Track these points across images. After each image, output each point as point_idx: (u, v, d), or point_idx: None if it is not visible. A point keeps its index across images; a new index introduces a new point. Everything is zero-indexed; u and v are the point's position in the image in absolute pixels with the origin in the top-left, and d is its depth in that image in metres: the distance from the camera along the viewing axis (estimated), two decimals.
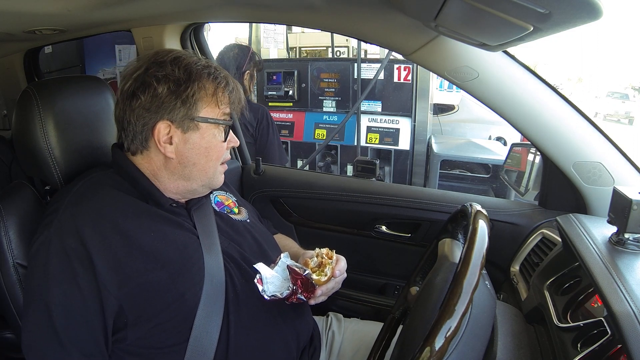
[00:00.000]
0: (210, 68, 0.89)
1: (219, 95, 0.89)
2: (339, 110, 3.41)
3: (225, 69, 0.93)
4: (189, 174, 0.89)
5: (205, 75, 0.87)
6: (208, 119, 0.88)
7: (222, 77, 0.90)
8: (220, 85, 0.89)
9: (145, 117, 0.85)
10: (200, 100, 0.87)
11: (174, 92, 0.85)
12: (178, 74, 0.85)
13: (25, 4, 1.00)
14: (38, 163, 0.96)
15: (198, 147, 0.88)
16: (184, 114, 0.86)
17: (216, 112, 0.89)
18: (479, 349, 0.73)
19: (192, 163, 0.89)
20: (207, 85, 0.88)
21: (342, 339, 1.13)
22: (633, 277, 0.74)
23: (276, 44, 4.90)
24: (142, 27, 1.46)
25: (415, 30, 1.08)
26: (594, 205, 1.14)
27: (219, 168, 0.93)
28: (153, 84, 0.84)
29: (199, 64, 0.88)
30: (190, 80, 0.86)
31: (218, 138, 0.90)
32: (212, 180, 0.93)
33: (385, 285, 1.56)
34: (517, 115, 1.14)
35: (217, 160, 0.92)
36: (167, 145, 0.87)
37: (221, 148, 0.91)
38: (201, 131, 0.88)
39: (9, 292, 0.89)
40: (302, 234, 1.59)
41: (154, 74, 0.85)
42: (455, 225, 0.93)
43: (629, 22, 43.34)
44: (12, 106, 1.04)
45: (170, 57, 0.87)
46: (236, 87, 0.93)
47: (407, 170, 3.28)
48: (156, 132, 0.85)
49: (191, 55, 0.90)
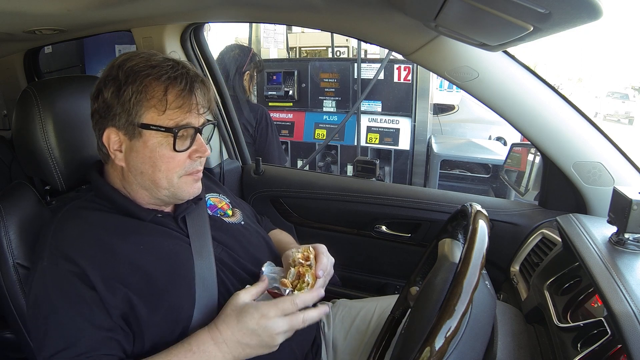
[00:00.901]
0: (156, 68, 0.80)
1: (168, 99, 0.80)
2: (339, 110, 3.41)
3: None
4: (143, 183, 0.84)
5: (146, 75, 0.79)
6: (150, 126, 0.80)
7: (168, 77, 0.79)
8: (168, 86, 0.80)
9: (99, 123, 0.83)
10: (141, 104, 0.79)
11: (116, 97, 0.80)
12: (121, 77, 0.80)
13: (25, 4, 1.00)
14: (38, 163, 0.96)
15: (142, 156, 0.82)
16: (125, 120, 0.80)
17: (161, 117, 0.80)
18: (479, 349, 0.73)
19: (140, 172, 0.83)
20: (150, 88, 0.79)
21: (332, 330, 1.13)
22: (633, 277, 0.74)
23: (276, 44, 4.91)
24: (142, 27, 1.46)
25: (415, 30, 1.08)
26: (594, 205, 1.14)
27: (175, 180, 0.84)
28: (102, 89, 0.81)
29: (143, 64, 0.80)
30: (127, 83, 0.79)
31: (166, 147, 0.81)
32: (176, 191, 0.85)
33: (385, 285, 1.56)
34: (517, 115, 1.14)
35: (170, 171, 0.83)
36: (117, 153, 0.83)
37: (172, 158, 0.82)
38: (144, 139, 0.81)
39: (9, 292, 0.89)
40: (302, 234, 1.59)
41: (104, 78, 0.82)
42: (455, 225, 0.93)
43: (629, 22, 43.33)
44: (12, 106, 1.04)
45: (121, 59, 0.82)
46: (194, 85, 0.82)
47: (407, 170, 3.28)
48: (105, 138, 0.83)
49: (145, 55, 0.82)
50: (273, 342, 0.76)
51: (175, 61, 0.83)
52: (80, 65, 2.68)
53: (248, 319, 0.75)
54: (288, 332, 0.77)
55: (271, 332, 0.75)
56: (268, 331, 0.74)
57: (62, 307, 0.74)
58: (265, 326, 0.74)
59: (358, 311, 1.14)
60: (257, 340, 0.75)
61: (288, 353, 0.92)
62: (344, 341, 1.10)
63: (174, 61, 0.83)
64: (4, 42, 1.50)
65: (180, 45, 1.52)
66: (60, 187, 0.99)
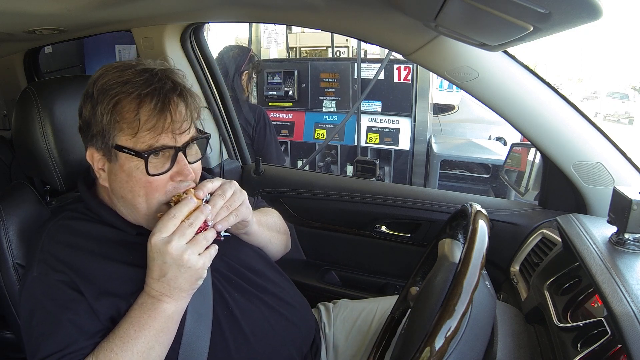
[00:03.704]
0: (127, 85, 0.73)
1: (141, 119, 0.73)
2: (339, 110, 3.41)
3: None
4: (125, 206, 0.81)
5: (120, 93, 0.73)
6: (122, 149, 0.74)
7: (137, 95, 0.72)
8: (144, 105, 0.73)
9: (83, 141, 0.81)
10: (113, 126, 0.74)
11: (93, 115, 0.75)
12: (95, 94, 0.75)
13: (25, 4, 1.01)
14: (38, 163, 0.96)
15: (120, 180, 0.77)
16: (101, 141, 0.76)
17: (132, 139, 0.74)
18: (479, 349, 0.72)
19: (120, 196, 0.79)
20: (124, 107, 0.73)
21: (332, 331, 1.12)
22: (633, 277, 0.74)
23: (276, 44, 4.90)
24: (142, 27, 1.46)
25: (415, 30, 1.08)
26: (594, 205, 1.14)
27: (154, 207, 0.78)
28: (82, 106, 0.79)
29: (115, 80, 0.74)
30: (100, 102, 0.74)
31: (142, 171, 0.74)
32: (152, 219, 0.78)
33: (385, 285, 1.56)
34: (517, 115, 1.14)
35: (148, 196, 0.77)
36: (101, 172, 0.80)
37: (149, 183, 0.75)
38: (120, 162, 0.76)
39: (8, 292, 0.89)
40: (302, 234, 1.59)
41: (85, 94, 0.78)
42: (455, 225, 0.93)
43: (629, 22, 43.33)
44: (12, 106, 1.04)
45: (97, 74, 0.77)
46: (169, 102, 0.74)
47: (407, 170, 3.28)
48: (89, 157, 0.80)
49: (120, 68, 0.76)
50: (186, 264, 0.72)
51: (151, 73, 0.75)
52: (80, 65, 2.68)
53: (150, 260, 0.73)
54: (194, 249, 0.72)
55: (172, 255, 0.71)
56: (170, 256, 0.71)
57: (52, 313, 0.74)
58: (162, 251, 0.71)
59: (359, 312, 1.14)
60: (173, 271, 0.72)
61: (286, 354, 0.92)
62: (345, 342, 1.10)
63: (149, 73, 0.75)
64: (4, 42, 1.50)
65: (180, 45, 1.53)
66: (60, 187, 0.99)
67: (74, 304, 0.75)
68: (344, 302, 1.20)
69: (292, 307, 0.95)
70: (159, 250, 0.72)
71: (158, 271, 0.73)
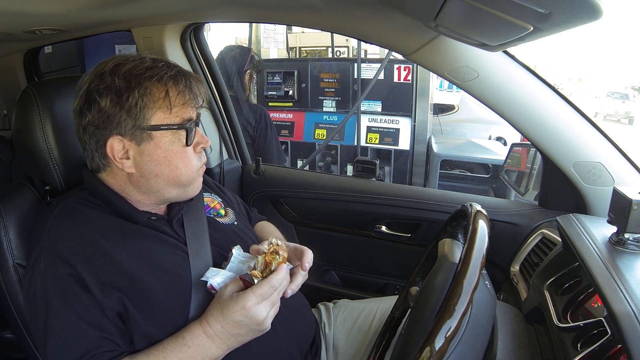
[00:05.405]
0: (154, 69, 0.81)
1: (171, 97, 0.81)
2: (339, 110, 3.41)
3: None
4: (155, 186, 0.84)
5: (148, 78, 0.80)
6: (160, 127, 0.81)
7: (169, 77, 0.81)
8: (170, 86, 0.81)
9: (97, 134, 0.81)
10: (147, 107, 0.80)
11: (117, 104, 0.79)
12: (118, 84, 0.79)
13: (25, 4, 1.01)
14: (38, 163, 0.96)
15: (156, 158, 0.82)
16: (132, 125, 0.80)
17: (169, 116, 0.82)
18: (479, 349, 0.73)
19: (155, 175, 0.83)
20: (153, 89, 0.80)
21: (332, 331, 1.13)
22: (633, 277, 0.74)
23: (276, 44, 4.91)
24: (142, 27, 1.46)
25: (415, 30, 1.08)
26: (594, 205, 1.14)
27: (195, 175, 0.87)
28: (97, 99, 0.79)
29: (140, 67, 0.80)
30: (130, 88, 0.79)
31: (178, 144, 0.83)
32: (186, 189, 0.87)
33: (385, 285, 1.56)
34: (517, 115, 1.14)
35: (186, 166, 0.85)
36: (124, 161, 0.82)
37: (184, 154, 0.84)
38: (155, 140, 0.81)
39: (8, 292, 0.89)
40: (302, 234, 1.59)
41: (96, 87, 0.80)
42: (455, 225, 0.93)
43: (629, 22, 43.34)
44: (12, 106, 1.04)
45: (110, 66, 0.81)
46: (191, 81, 0.84)
47: (407, 170, 3.28)
48: (109, 149, 0.81)
49: (134, 59, 0.82)
50: (261, 327, 0.77)
51: (162, 60, 0.84)
52: (80, 65, 2.68)
53: (231, 312, 0.75)
54: (272, 312, 0.78)
55: (256, 319, 0.75)
56: (253, 319, 0.75)
57: (60, 309, 0.75)
58: (248, 315, 0.75)
59: (360, 312, 1.14)
60: (246, 328, 0.76)
61: (286, 354, 0.92)
62: (345, 342, 1.10)
63: (163, 61, 0.84)
64: (4, 42, 1.50)
65: (180, 45, 1.52)
66: (60, 187, 0.99)
67: (80, 299, 0.75)
68: (344, 302, 1.21)
69: (292, 306, 0.95)
70: (247, 311, 0.74)
71: (233, 325, 0.76)
